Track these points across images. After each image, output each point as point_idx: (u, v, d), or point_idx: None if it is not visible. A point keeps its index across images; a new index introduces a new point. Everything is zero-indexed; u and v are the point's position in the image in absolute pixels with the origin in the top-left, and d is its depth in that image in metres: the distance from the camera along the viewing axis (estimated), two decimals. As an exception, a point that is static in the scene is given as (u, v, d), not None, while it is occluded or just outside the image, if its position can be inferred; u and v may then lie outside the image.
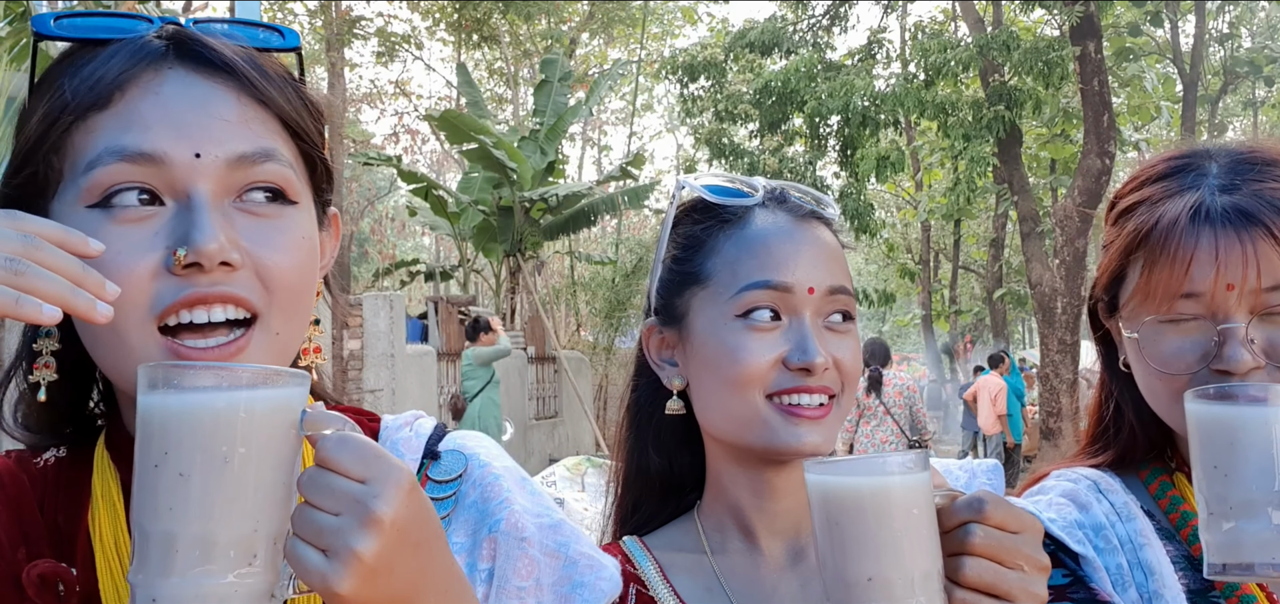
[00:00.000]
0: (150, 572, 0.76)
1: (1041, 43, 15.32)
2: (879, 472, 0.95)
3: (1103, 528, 1.22)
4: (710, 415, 1.25)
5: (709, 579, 1.25)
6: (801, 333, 1.18)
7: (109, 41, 0.91)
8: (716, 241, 1.25)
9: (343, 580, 0.75)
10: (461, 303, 14.88)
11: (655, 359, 1.30)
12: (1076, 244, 15.29)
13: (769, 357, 1.18)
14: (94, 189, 0.85)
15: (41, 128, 0.89)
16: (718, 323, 1.21)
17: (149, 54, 0.89)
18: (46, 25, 0.91)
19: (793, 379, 1.18)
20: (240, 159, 0.88)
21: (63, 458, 1.01)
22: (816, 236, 1.24)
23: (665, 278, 1.30)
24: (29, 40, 0.83)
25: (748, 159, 17.14)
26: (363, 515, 0.76)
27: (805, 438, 1.18)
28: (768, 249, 1.21)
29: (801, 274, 1.20)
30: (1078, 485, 1.28)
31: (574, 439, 16.51)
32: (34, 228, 0.79)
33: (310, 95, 0.97)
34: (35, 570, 0.91)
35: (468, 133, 15.15)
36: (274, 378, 0.79)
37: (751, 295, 1.19)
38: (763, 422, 1.18)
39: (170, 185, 0.86)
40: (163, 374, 0.77)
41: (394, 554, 0.77)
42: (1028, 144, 21.10)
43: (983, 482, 1.32)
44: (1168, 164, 1.26)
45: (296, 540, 0.77)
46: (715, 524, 1.29)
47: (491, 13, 24.26)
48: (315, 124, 0.97)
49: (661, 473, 1.34)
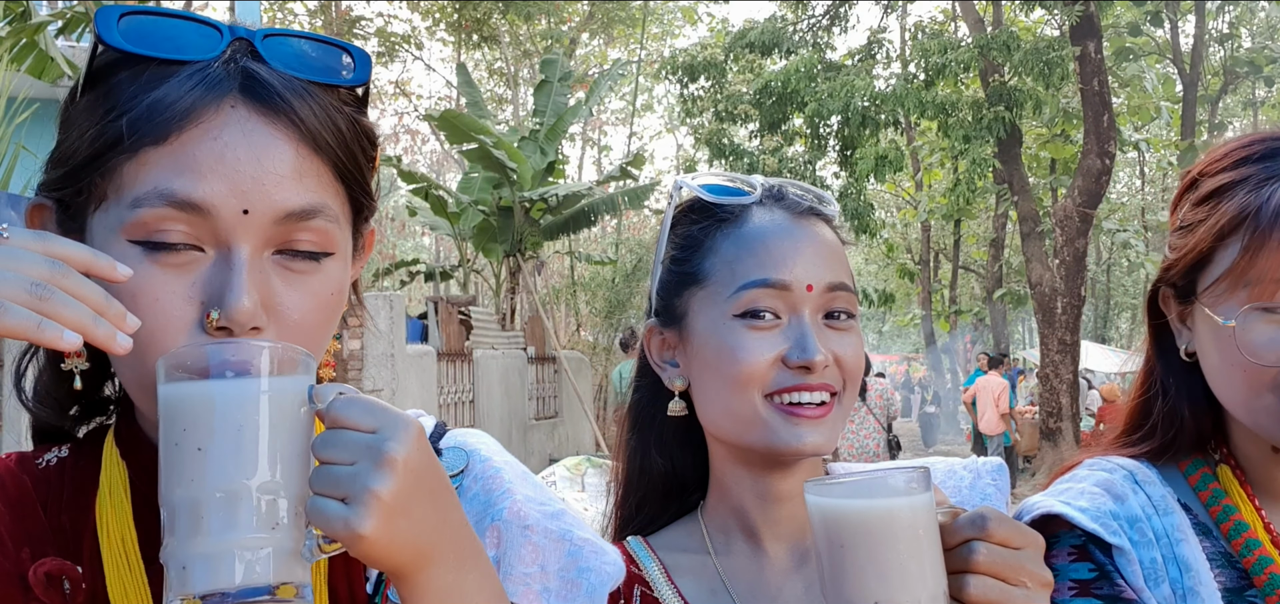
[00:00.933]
0: (179, 539, 0.78)
1: (1041, 43, 15.33)
2: (882, 493, 0.93)
3: (1138, 520, 1.18)
4: (711, 416, 1.24)
5: (713, 581, 1.24)
6: (801, 330, 1.17)
7: (175, 62, 0.86)
8: (714, 241, 1.24)
9: (364, 520, 0.77)
10: (461, 303, 14.85)
11: (656, 360, 1.30)
12: (1076, 244, 15.29)
13: (768, 355, 1.17)
14: (137, 226, 0.85)
15: (94, 147, 0.87)
16: (717, 322, 1.20)
17: (214, 87, 0.86)
18: (112, 33, 0.86)
19: (792, 378, 1.17)
20: (288, 216, 0.87)
21: (66, 458, 1.01)
22: (815, 233, 1.23)
23: (664, 278, 1.29)
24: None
25: (748, 159, 17.15)
26: (377, 458, 0.78)
27: (806, 438, 1.17)
28: (765, 247, 1.20)
29: (800, 271, 1.19)
30: (1113, 476, 1.24)
31: (574, 439, 16.50)
32: (62, 252, 0.80)
33: (366, 127, 0.95)
34: (41, 569, 0.91)
35: (468, 133, 15.15)
36: (286, 353, 0.83)
37: (750, 294, 1.18)
38: (763, 422, 1.17)
39: (214, 235, 0.86)
40: (178, 359, 0.81)
41: (410, 496, 0.79)
42: (1028, 144, 21.10)
43: (987, 482, 1.30)
44: (1266, 145, 1.20)
45: (316, 497, 0.79)
46: (719, 525, 1.28)
47: (491, 13, 24.27)
48: (367, 159, 0.96)
49: (664, 474, 1.33)
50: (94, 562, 0.93)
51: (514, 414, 14.55)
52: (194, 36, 0.88)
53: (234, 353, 0.81)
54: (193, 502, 0.78)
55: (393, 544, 0.79)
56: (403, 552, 0.80)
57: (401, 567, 0.81)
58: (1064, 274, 15.27)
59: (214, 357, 0.80)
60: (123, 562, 0.93)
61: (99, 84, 0.89)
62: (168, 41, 0.87)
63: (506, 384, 14.36)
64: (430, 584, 0.83)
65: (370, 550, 0.79)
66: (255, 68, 0.88)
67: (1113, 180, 15.09)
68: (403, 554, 0.80)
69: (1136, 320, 37.10)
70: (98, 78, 0.89)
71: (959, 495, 1.28)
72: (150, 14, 0.88)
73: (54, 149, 0.92)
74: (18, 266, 0.77)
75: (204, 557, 0.77)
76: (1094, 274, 31.14)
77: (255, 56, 0.88)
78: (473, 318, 14.37)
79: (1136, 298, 34.60)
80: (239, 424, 0.78)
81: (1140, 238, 29.66)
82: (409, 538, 0.80)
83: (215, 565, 0.77)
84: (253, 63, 0.88)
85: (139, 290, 0.84)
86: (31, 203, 0.93)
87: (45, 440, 1.04)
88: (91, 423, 1.04)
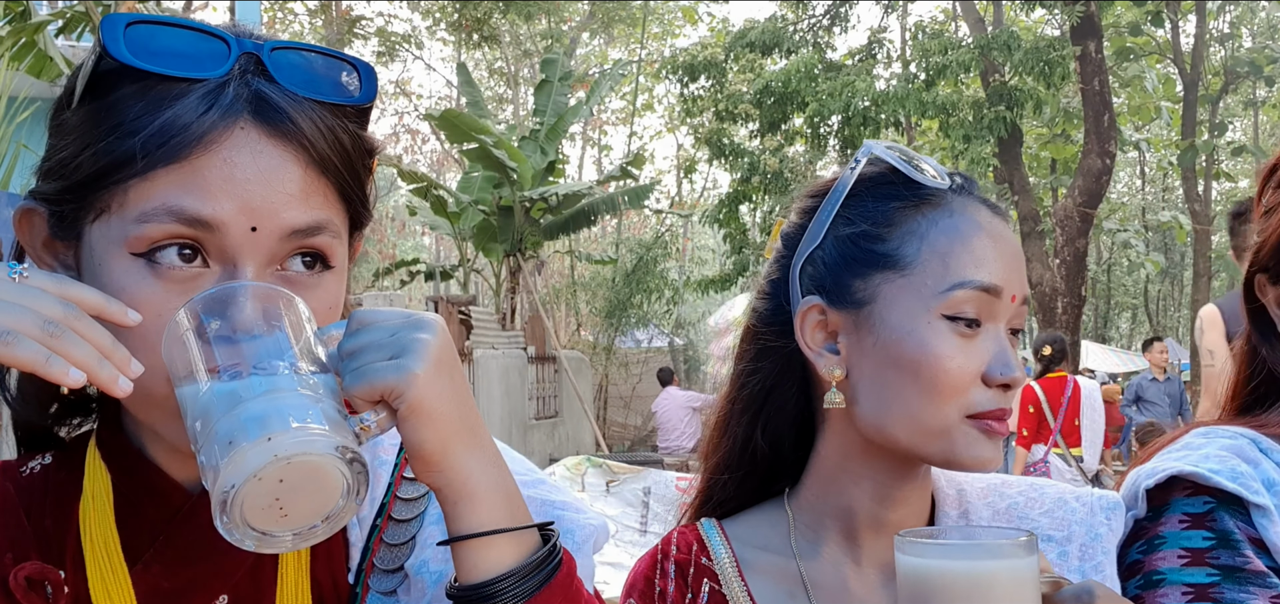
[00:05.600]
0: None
1: (1042, 43, 15.33)
2: (984, 556, 0.85)
3: (1275, 483, 1.13)
4: (886, 417, 1.10)
5: (793, 585, 1.15)
6: (1002, 345, 1.08)
7: (184, 80, 0.85)
8: (917, 224, 1.10)
9: (417, 360, 0.80)
10: (461, 302, 14.85)
11: (808, 343, 1.14)
12: (1077, 244, 15.30)
13: (972, 367, 1.07)
14: (141, 240, 0.84)
15: (100, 164, 0.85)
16: (917, 317, 1.08)
17: (225, 109, 0.85)
18: (118, 46, 0.84)
19: (992, 400, 1.07)
20: (293, 233, 0.87)
21: (49, 465, 1.01)
22: (1011, 238, 1.13)
23: (843, 253, 1.14)
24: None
25: (748, 159, 17.16)
26: (412, 319, 0.83)
27: (986, 452, 1.08)
28: (982, 244, 1.09)
29: (1012, 280, 1.09)
30: (1238, 441, 1.18)
31: (574, 439, 16.50)
32: (76, 296, 0.81)
33: (367, 142, 0.96)
34: (22, 572, 0.91)
35: (468, 132, 15.15)
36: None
37: (964, 295, 1.06)
38: (954, 434, 1.07)
39: (220, 251, 0.85)
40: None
41: (448, 352, 0.83)
42: (1028, 144, 21.10)
43: (1100, 522, 1.17)
44: None
45: (360, 368, 0.81)
46: (811, 522, 1.17)
47: (492, 13, 24.26)
48: (366, 172, 0.96)
49: (766, 458, 1.21)
50: (77, 565, 0.93)
51: (514, 414, 14.55)
52: (201, 51, 0.86)
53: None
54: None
55: (442, 397, 0.82)
56: (447, 410, 0.82)
57: (445, 434, 0.83)
58: (1064, 274, 15.28)
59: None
60: (106, 565, 0.92)
61: (100, 94, 0.87)
62: (175, 58, 0.86)
63: (506, 384, 14.37)
64: (471, 458, 0.85)
65: (422, 396, 0.80)
66: (266, 89, 0.87)
67: (1113, 180, 15.11)
68: (447, 413, 0.83)
69: (1137, 320, 37.07)
70: (98, 87, 0.88)
71: (1067, 528, 1.17)
72: (155, 23, 0.87)
73: (48, 157, 0.91)
74: (34, 304, 0.79)
75: (255, 405, 0.75)
76: (1094, 274, 31.11)
77: (264, 74, 0.88)
78: (473, 317, 14.38)
79: (1136, 298, 34.59)
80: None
81: (1141, 238, 29.66)
82: (451, 396, 0.83)
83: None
84: (262, 82, 0.87)
85: (141, 304, 0.84)
86: (21, 208, 0.92)
87: (31, 448, 1.04)
88: (72, 421, 1.04)
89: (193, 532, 0.92)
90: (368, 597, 0.98)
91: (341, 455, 0.75)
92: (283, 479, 0.73)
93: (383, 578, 0.99)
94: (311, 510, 0.76)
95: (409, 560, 0.99)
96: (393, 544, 1.00)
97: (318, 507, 0.77)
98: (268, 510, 0.75)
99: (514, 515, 0.87)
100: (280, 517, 0.75)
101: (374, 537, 1.00)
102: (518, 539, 0.86)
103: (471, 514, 0.85)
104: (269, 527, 0.75)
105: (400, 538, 1.00)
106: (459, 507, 0.85)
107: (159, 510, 0.93)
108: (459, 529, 0.85)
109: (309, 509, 0.76)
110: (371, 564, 0.99)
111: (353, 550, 1.00)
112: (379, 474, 1.02)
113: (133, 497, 0.94)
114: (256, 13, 15.10)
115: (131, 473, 0.94)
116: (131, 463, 0.94)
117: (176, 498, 0.93)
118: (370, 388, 0.81)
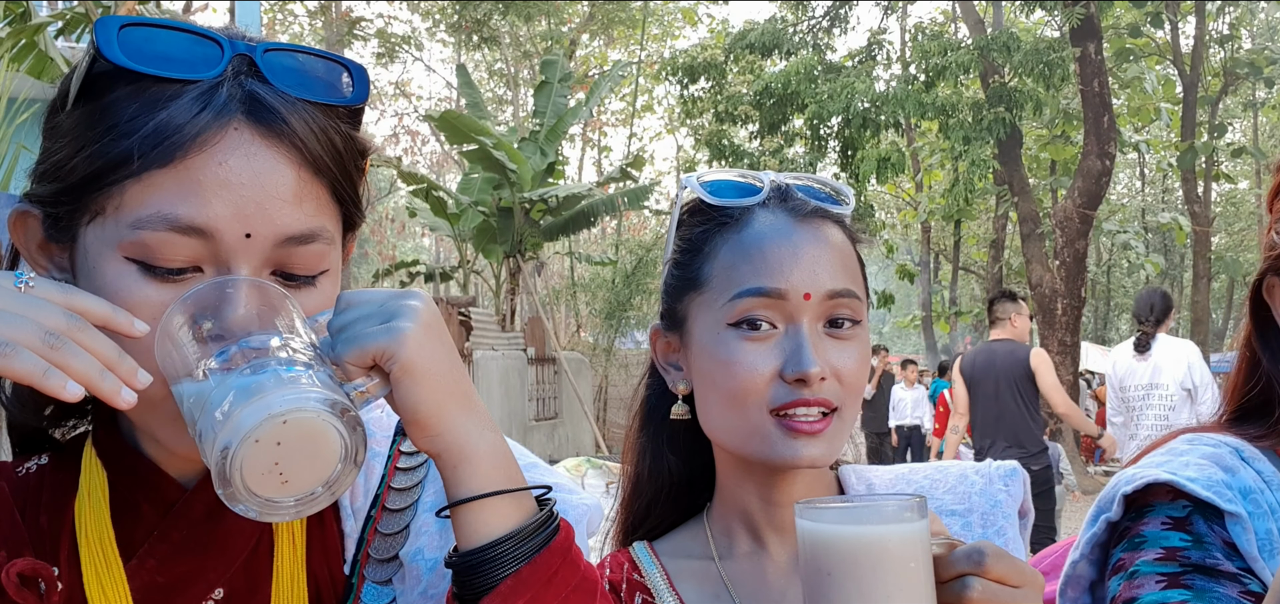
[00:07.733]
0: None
1: (1042, 44, 15.35)
2: (875, 520, 0.88)
3: (1252, 492, 1.15)
4: (711, 423, 1.20)
5: (716, 586, 1.22)
6: (797, 342, 1.13)
7: (177, 81, 0.85)
8: (714, 244, 1.20)
9: (407, 321, 0.82)
10: (461, 303, 14.85)
11: (662, 362, 1.26)
12: (1076, 245, 15.30)
13: (764, 368, 1.13)
14: (137, 246, 0.84)
15: (94, 166, 0.85)
16: (713, 331, 1.16)
17: (220, 112, 0.85)
18: (112, 48, 0.84)
19: (789, 393, 1.12)
20: (288, 240, 0.87)
21: (45, 465, 1.02)
22: (819, 236, 1.17)
23: (667, 281, 1.26)
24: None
25: (748, 160, 17.16)
26: (399, 293, 0.86)
27: (804, 452, 1.13)
28: (763, 253, 1.15)
29: (798, 279, 1.13)
30: (1219, 450, 1.21)
31: (574, 440, 16.51)
32: (81, 306, 0.80)
33: (359, 143, 0.96)
34: (14, 569, 0.90)
35: (468, 134, 15.15)
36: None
37: (745, 303, 1.14)
38: (761, 434, 1.14)
39: (214, 257, 0.85)
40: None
41: (436, 319, 0.85)
42: (1028, 145, 21.12)
43: (999, 487, 1.25)
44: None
45: (351, 331, 0.83)
46: (723, 528, 1.26)
47: (491, 14, 24.28)
48: (359, 173, 0.96)
49: (676, 473, 1.30)
50: (72, 562, 0.93)
51: (514, 415, 14.56)
52: (194, 53, 0.86)
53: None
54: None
55: (434, 358, 0.83)
56: (440, 370, 0.84)
57: (439, 395, 0.84)
58: (1064, 275, 15.27)
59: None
60: (100, 560, 0.93)
61: (95, 97, 0.87)
62: (169, 60, 0.86)
63: (506, 385, 14.37)
64: (467, 419, 0.86)
65: (413, 356, 0.81)
66: (259, 90, 0.87)
67: (1113, 181, 15.12)
68: (440, 373, 0.84)
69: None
70: (93, 90, 0.88)
71: (968, 501, 1.25)
72: (149, 25, 0.87)
73: (42, 159, 0.91)
74: (36, 314, 0.78)
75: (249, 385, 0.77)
76: (1094, 275, 31.14)
77: (257, 75, 0.88)
78: (473, 319, 14.39)
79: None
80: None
81: (1140, 239, 29.66)
82: (444, 357, 0.84)
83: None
84: (255, 83, 0.87)
85: (136, 309, 0.84)
86: (16, 211, 0.92)
87: (27, 451, 1.04)
88: (67, 423, 1.04)
89: (188, 526, 0.92)
90: (364, 587, 0.98)
91: (337, 412, 0.76)
92: (280, 441, 0.74)
93: (378, 568, 0.99)
94: (312, 476, 0.77)
95: (404, 549, 0.99)
96: (387, 533, 1.00)
97: (318, 472, 0.77)
98: (268, 476, 0.75)
99: (511, 478, 0.87)
100: (281, 483, 0.76)
101: (369, 527, 1.00)
102: (516, 501, 0.87)
103: (471, 476, 0.85)
104: (270, 493, 0.76)
105: (395, 527, 1.00)
106: (459, 470, 0.85)
107: (154, 506, 0.93)
108: (459, 492, 0.85)
109: (309, 475, 0.77)
110: (367, 555, 0.99)
111: (348, 541, 1.00)
112: (373, 465, 1.03)
113: (128, 493, 0.94)
114: (256, 14, 15.10)
115: (127, 470, 0.94)
116: (128, 461, 0.94)
117: (171, 493, 0.94)
118: (361, 352, 0.81)
